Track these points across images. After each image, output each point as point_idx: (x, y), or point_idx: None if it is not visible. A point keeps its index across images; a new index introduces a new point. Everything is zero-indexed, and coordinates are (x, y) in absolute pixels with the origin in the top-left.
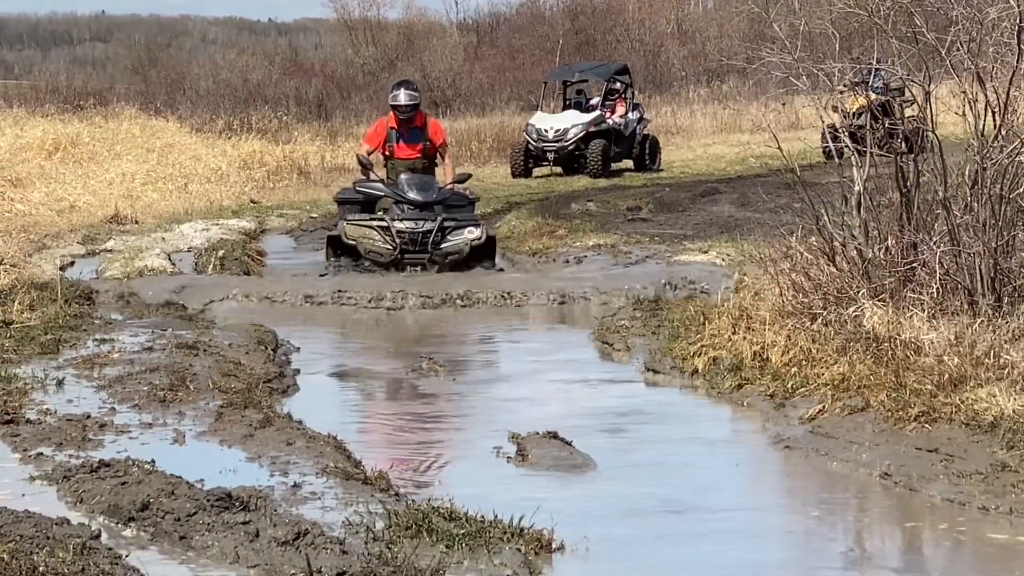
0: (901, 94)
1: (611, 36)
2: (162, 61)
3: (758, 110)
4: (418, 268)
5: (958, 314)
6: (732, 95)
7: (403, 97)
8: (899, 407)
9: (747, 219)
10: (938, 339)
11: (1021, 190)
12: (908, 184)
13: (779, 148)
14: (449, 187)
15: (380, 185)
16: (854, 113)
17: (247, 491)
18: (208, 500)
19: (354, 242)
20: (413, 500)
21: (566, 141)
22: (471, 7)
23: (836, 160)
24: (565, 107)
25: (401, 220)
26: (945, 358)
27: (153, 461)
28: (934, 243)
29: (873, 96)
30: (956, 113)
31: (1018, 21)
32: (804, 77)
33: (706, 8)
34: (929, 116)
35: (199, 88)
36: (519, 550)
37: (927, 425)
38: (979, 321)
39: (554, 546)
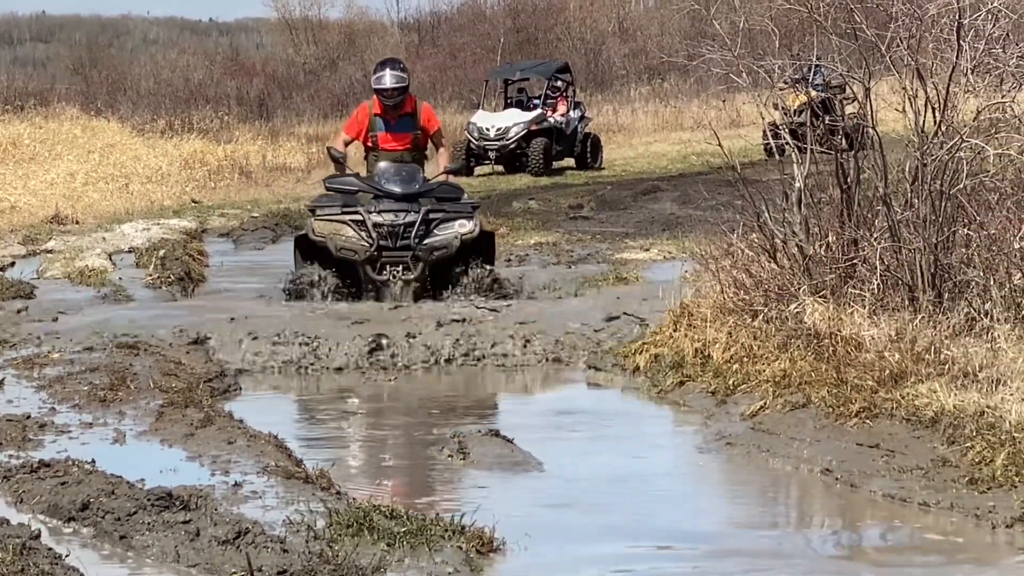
0: (841, 91)
1: (552, 34)
2: (103, 61)
3: (699, 108)
4: (399, 268)
5: (899, 310)
6: (673, 93)
7: (388, 79)
8: (840, 403)
9: (688, 217)
10: (879, 335)
11: (961, 186)
12: (848, 181)
13: (720, 145)
14: (441, 177)
15: (353, 179)
16: (794, 110)
17: (188, 490)
18: (148, 499)
19: (323, 239)
20: (354, 498)
21: (507, 140)
22: (412, 6)
23: (777, 157)
24: (506, 106)
25: (379, 212)
26: (886, 354)
27: (93, 461)
28: (874, 239)
29: (813, 93)
30: (896, 109)
31: (957, 17)
32: (744, 74)
33: (647, 6)
34: (869, 113)
35: (140, 88)
36: (460, 548)
37: (868, 421)
38: (919, 317)
39: (496, 544)
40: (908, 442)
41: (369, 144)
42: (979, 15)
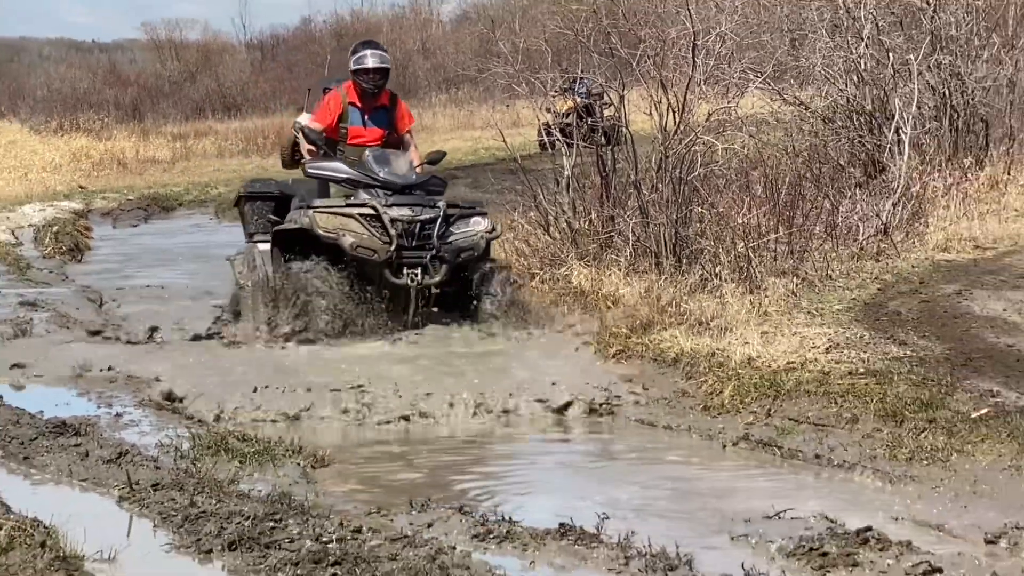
0: (601, 98)
1: None
2: (6, 74)
3: (487, 111)
4: (418, 270)
5: (647, 272)
6: (466, 100)
7: (371, 59)
8: (601, 346)
9: (480, 199)
10: (631, 292)
11: (696, 173)
12: (607, 170)
13: (504, 142)
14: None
15: (340, 165)
16: (564, 113)
17: (79, 420)
18: (47, 427)
19: (333, 236)
20: (213, 425)
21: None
22: (256, 29)
23: (549, 151)
24: None
25: (392, 206)
26: (637, 307)
27: (1, 397)
28: (628, 216)
29: (578, 100)
30: (645, 113)
31: (692, 39)
32: (524, 84)
33: (445, 30)
34: (623, 115)
35: (36, 96)
36: (299, 464)
37: (623, 361)
38: (664, 278)
39: (327, 460)
40: (655, 377)
41: (338, 137)
42: (710, 37)
